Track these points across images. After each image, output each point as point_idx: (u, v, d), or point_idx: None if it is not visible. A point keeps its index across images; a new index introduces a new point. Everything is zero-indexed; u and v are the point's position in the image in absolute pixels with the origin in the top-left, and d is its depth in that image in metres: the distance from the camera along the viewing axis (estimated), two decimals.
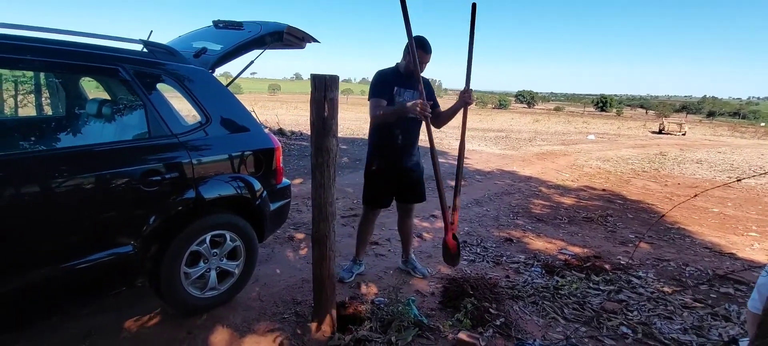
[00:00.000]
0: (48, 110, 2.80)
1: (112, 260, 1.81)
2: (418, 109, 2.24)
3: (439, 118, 2.61)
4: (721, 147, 15.24)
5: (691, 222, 4.80)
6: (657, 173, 8.44)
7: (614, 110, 53.53)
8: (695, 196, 1.32)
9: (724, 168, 9.58)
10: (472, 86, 2.43)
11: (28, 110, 2.88)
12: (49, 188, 1.64)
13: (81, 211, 1.73)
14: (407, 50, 2.39)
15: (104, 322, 2.11)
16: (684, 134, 21.20)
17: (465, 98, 2.43)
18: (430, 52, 2.44)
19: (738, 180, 1.45)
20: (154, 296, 2.14)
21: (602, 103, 56.80)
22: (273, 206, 2.46)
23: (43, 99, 2.86)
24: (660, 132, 21.97)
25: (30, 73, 2.75)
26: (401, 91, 2.50)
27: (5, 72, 2.97)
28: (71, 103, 2.62)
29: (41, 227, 1.64)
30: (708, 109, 56.56)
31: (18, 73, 3.06)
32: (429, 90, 2.49)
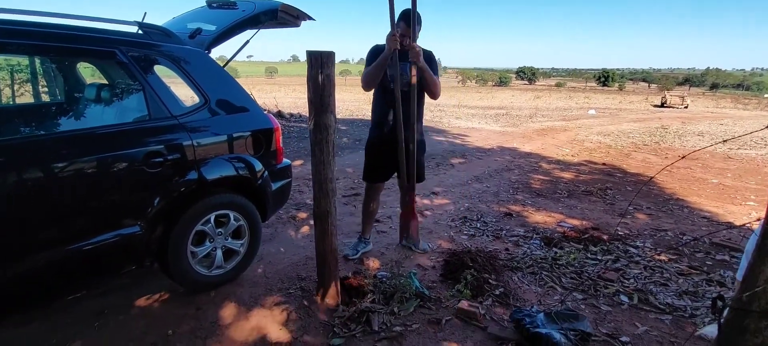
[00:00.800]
0: (47, 97, 2.81)
1: (120, 241, 1.86)
2: (390, 40, 2.30)
3: (426, 85, 2.56)
4: (724, 119, 15.16)
5: (689, 193, 4.83)
6: (658, 146, 8.43)
7: (616, 85, 53.06)
8: (682, 157, 1.34)
9: (720, 140, 9.56)
10: (471, 64, 2.44)
11: (27, 98, 2.89)
12: (55, 172, 1.68)
13: (87, 193, 1.77)
14: (395, 21, 2.40)
15: (116, 301, 2.18)
16: (686, 107, 21.08)
17: (411, 56, 2.39)
18: (418, 23, 2.42)
19: (724, 142, 1.47)
20: (163, 275, 2.20)
21: (604, 78, 56.21)
22: (274, 186, 2.49)
23: (40, 86, 2.87)
24: (662, 105, 21.83)
25: (25, 62, 2.76)
26: (392, 64, 2.46)
27: (3, 61, 2.97)
28: (70, 89, 2.63)
29: (49, 209, 1.68)
30: (711, 82, 55.94)
31: (14, 61, 3.06)
32: (427, 61, 2.48)
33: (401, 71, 2.45)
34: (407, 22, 2.38)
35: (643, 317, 2.17)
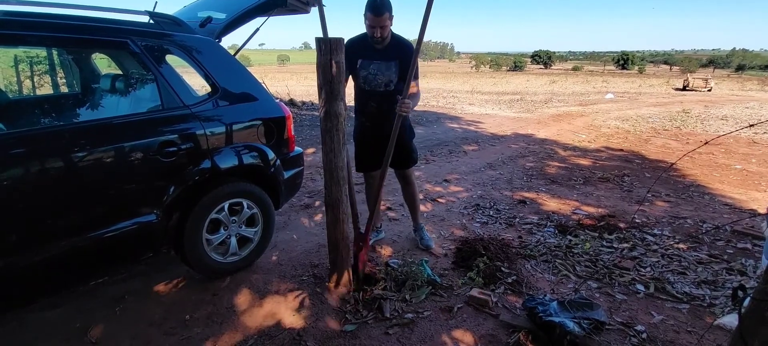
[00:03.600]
0: (65, 88, 2.87)
1: (138, 229, 1.91)
2: (402, 109, 2.06)
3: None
4: (749, 103, 14.58)
5: (711, 180, 4.69)
6: (679, 131, 8.18)
7: (636, 68, 51.51)
8: (705, 143, 1.29)
9: (747, 124, 9.21)
10: (485, 49, 2.31)
11: (46, 89, 2.96)
12: (74, 161, 1.72)
13: (105, 182, 1.81)
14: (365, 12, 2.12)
15: (136, 287, 2.25)
16: (710, 90, 20.33)
17: (398, 108, 2.09)
18: (385, 12, 2.09)
19: (751, 126, 1.41)
20: (180, 262, 2.25)
21: (623, 61, 54.62)
22: (287, 174, 2.51)
23: (58, 77, 2.93)
24: (684, 89, 21.12)
25: (43, 54, 2.82)
26: (366, 63, 2.27)
27: (23, 53, 3.04)
28: (86, 80, 2.68)
29: (71, 198, 1.73)
30: (737, 63, 53.74)
31: (33, 53, 3.13)
32: (405, 57, 2.21)
33: (375, 72, 2.27)
34: (374, 13, 2.10)
35: (660, 306, 2.13)
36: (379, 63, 2.27)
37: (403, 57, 2.26)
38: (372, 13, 2.11)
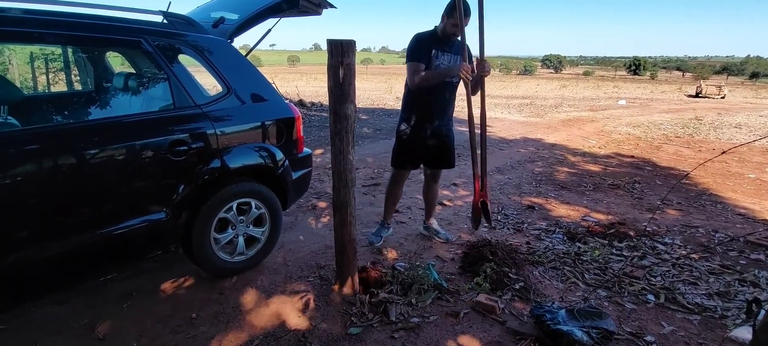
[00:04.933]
0: (79, 86, 2.92)
1: (147, 226, 1.93)
2: (463, 71, 2.30)
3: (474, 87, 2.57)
4: (764, 111, 14.32)
5: (724, 189, 4.60)
6: (691, 138, 8.06)
7: (648, 74, 50.92)
8: (723, 153, 1.26)
9: (766, 133, 9.04)
10: (495, 53, 2.40)
11: (61, 86, 3.00)
12: (86, 158, 1.74)
13: (116, 180, 1.83)
14: (446, 12, 2.38)
15: (143, 284, 2.27)
16: (723, 97, 20.02)
17: (481, 71, 2.41)
18: (470, 14, 2.37)
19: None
20: (187, 260, 2.27)
21: (635, 67, 54.05)
22: (295, 175, 2.52)
23: (73, 75, 2.97)
24: (697, 95, 20.82)
25: (58, 52, 2.86)
26: (439, 54, 2.47)
27: (39, 51, 3.09)
28: (99, 78, 2.72)
29: (82, 195, 1.75)
30: (751, 70, 52.80)
31: (48, 50, 3.18)
32: (468, 55, 2.48)
33: (447, 63, 2.48)
34: (468, 14, 2.36)
35: (670, 317, 2.09)
36: (450, 55, 2.50)
37: (465, 54, 2.49)
38: (464, 15, 2.35)
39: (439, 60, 2.47)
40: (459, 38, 2.44)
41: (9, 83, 2.73)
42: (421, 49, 2.42)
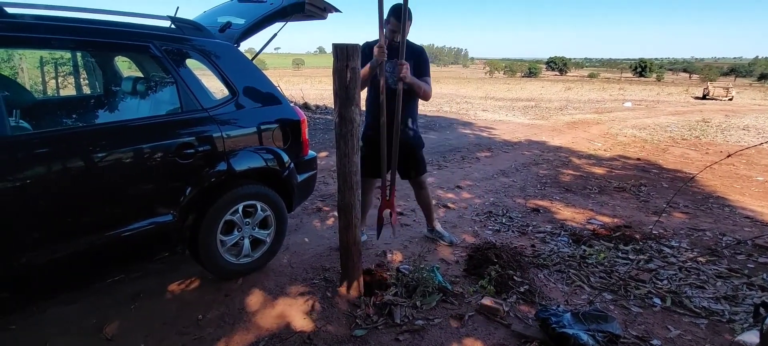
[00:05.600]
0: (88, 90, 2.96)
1: (154, 228, 1.95)
2: (375, 52, 2.23)
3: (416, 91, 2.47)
4: None
5: (732, 191, 4.56)
6: (698, 140, 7.99)
7: (654, 75, 50.57)
8: (729, 156, 1.26)
9: None
10: (499, 55, 2.35)
11: (70, 90, 3.05)
12: (95, 161, 1.76)
13: (124, 183, 1.86)
14: (384, 18, 2.29)
15: (150, 285, 2.29)
16: (731, 99, 19.86)
17: (398, 72, 2.26)
18: (409, 19, 2.32)
19: None
20: (193, 262, 2.29)
21: (641, 69, 53.70)
22: (300, 178, 2.54)
23: (81, 79, 3.02)
24: (704, 97, 20.67)
25: (67, 56, 2.91)
26: (385, 63, 2.33)
27: (49, 55, 3.14)
28: (108, 82, 2.76)
29: (90, 197, 1.78)
30: (760, 72, 52.20)
31: (57, 55, 3.22)
32: (418, 60, 2.43)
33: (391, 69, 2.37)
34: (397, 18, 2.30)
35: (677, 321, 2.08)
36: (393, 61, 2.36)
37: (416, 58, 2.44)
38: (396, 19, 2.32)
39: (383, 68, 2.35)
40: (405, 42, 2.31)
41: (21, 87, 2.77)
42: (365, 57, 2.28)
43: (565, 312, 1.90)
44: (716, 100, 19.85)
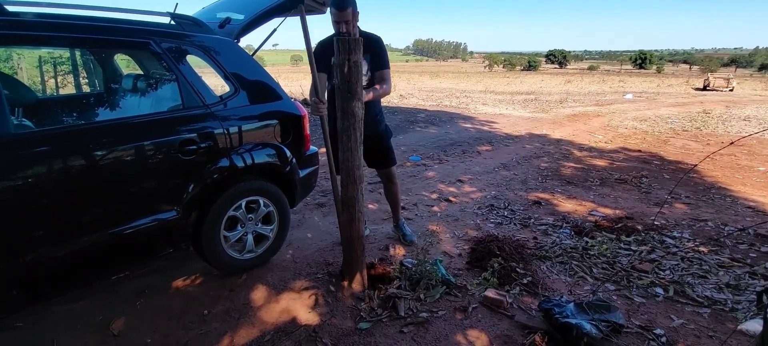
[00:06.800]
0: (88, 88, 2.96)
1: (158, 225, 1.95)
2: (313, 105, 2.14)
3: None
4: None
5: (733, 182, 4.56)
6: (699, 132, 7.98)
7: (654, 67, 50.42)
8: (731, 143, 1.26)
9: None
10: (498, 49, 2.29)
11: (70, 89, 3.05)
12: (97, 159, 1.76)
13: (127, 180, 1.86)
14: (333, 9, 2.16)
15: (155, 282, 2.30)
16: (731, 90, 19.78)
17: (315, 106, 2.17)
18: (348, 7, 2.17)
19: None
20: (198, 258, 2.30)
21: (641, 60, 53.52)
22: (302, 173, 2.54)
23: (81, 77, 3.01)
24: (704, 88, 20.59)
25: (67, 54, 2.90)
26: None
27: (47, 54, 3.13)
28: (109, 80, 2.75)
29: (94, 195, 1.78)
30: (760, 62, 52.01)
31: (57, 53, 3.22)
32: (373, 53, 2.33)
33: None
34: (338, 7, 2.17)
35: (680, 310, 2.09)
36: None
37: (372, 50, 2.34)
38: (336, 9, 2.18)
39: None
40: (356, 37, 2.16)
41: (23, 86, 2.76)
42: (320, 58, 2.22)
43: (568, 302, 1.91)
44: (717, 91, 19.78)
